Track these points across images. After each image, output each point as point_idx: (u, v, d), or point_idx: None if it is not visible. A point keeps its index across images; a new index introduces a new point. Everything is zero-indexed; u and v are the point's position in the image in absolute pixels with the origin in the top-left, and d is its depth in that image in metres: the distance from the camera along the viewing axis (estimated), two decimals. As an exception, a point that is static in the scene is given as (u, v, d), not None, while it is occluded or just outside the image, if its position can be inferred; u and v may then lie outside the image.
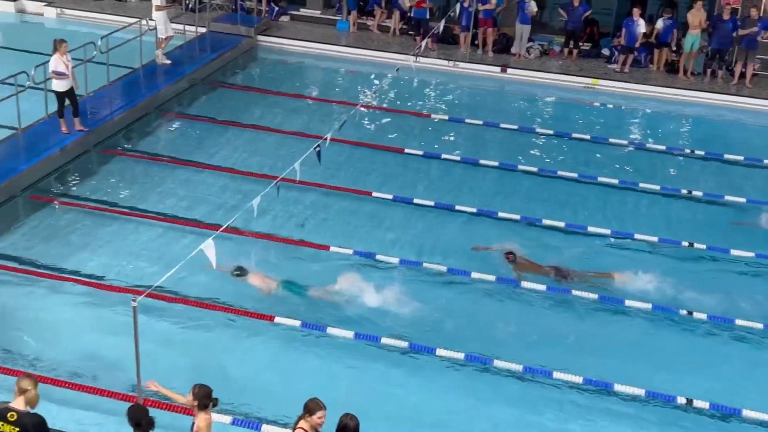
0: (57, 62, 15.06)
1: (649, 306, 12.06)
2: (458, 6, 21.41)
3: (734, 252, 13.54)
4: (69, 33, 18.07)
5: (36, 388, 7.31)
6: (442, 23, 19.97)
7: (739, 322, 11.83)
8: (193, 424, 7.73)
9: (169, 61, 19.62)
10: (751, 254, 13.49)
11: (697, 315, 11.93)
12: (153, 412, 7.76)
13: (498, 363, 10.75)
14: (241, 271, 12.15)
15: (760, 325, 11.80)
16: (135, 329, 8.35)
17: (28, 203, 14.17)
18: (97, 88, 17.67)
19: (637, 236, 13.93)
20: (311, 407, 7.62)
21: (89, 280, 12.07)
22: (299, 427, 7.61)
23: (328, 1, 24.60)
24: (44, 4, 24.01)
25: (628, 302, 12.14)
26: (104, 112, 17.00)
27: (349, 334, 11.14)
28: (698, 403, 10.27)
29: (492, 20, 21.84)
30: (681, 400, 10.28)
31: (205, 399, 7.67)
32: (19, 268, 12.27)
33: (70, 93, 15.42)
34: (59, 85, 15.24)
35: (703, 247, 13.65)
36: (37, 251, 12.74)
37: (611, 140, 17.81)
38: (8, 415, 7.17)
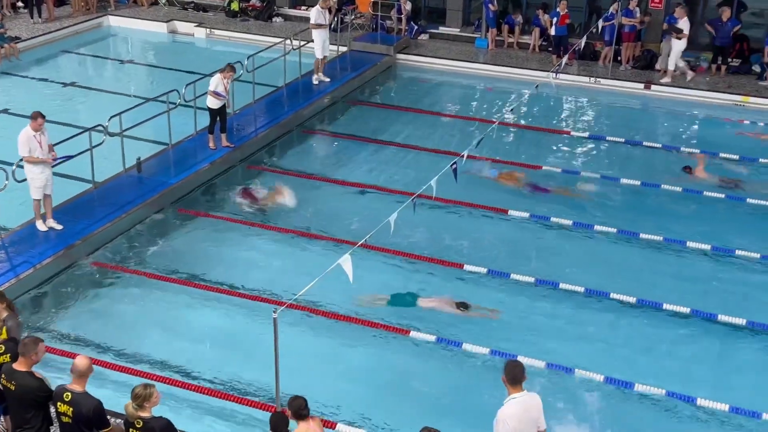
0: (218, 83, 15.67)
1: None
2: (600, 22, 21.01)
3: None
4: (217, 53, 18.87)
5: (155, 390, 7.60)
6: (584, 39, 19.62)
7: None
8: None
9: (317, 82, 20.01)
10: None
11: None
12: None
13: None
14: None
15: None
16: (275, 340, 8.55)
17: (177, 215, 14.79)
18: (243, 106, 18.31)
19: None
20: None
21: (231, 289, 12.49)
22: None
23: (467, 18, 24.65)
24: (195, 24, 25.11)
25: None
26: (249, 129, 17.60)
27: (484, 350, 11.11)
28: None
29: (635, 35, 21.31)
30: None
31: (299, 410, 7.82)
32: (163, 276, 12.81)
33: (222, 111, 16.04)
34: (214, 103, 15.85)
35: None
36: (182, 261, 13.26)
37: (761, 160, 17.00)
38: (135, 422, 7.48)
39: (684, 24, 20.12)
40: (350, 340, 11.49)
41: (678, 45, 20.33)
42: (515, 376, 7.37)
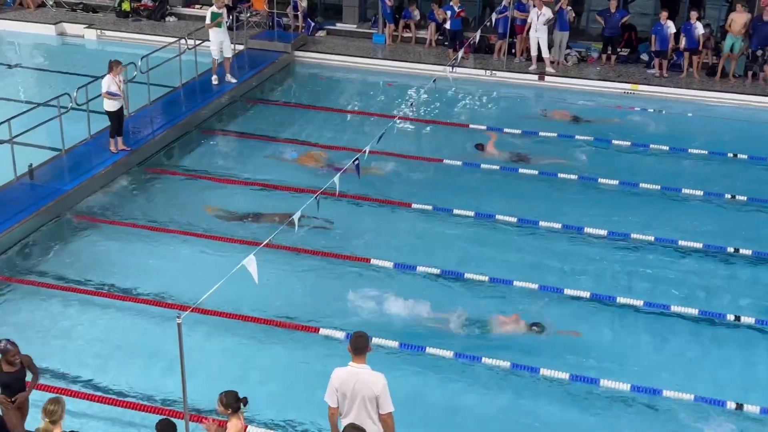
0: (110, 83, 15.26)
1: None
2: (494, 15, 21.38)
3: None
4: (109, 54, 18.36)
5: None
6: (479, 33, 19.92)
7: None
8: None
9: (216, 82, 19.68)
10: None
11: None
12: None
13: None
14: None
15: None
16: (180, 346, 8.38)
17: (72, 223, 14.36)
18: (138, 108, 17.91)
19: (680, 242, 13.79)
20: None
21: (133, 296, 12.22)
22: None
23: (363, 14, 24.71)
24: (85, 26, 24.42)
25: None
26: (146, 131, 17.22)
27: (394, 344, 11.17)
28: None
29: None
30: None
31: (235, 403, 7.73)
32: (63, 286, 12.45)
33: (119, 113, 15.63)
34: (111, 105, 15.44)
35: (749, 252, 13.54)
36: (81, 269, 12.89)
37: (652, 146, 17.61)
38: None
39: (548, 11, 20.90)
40: (258, 341, 11.40)
41: (545, 33, 21.01)
42: (356, 346, 7.72)
